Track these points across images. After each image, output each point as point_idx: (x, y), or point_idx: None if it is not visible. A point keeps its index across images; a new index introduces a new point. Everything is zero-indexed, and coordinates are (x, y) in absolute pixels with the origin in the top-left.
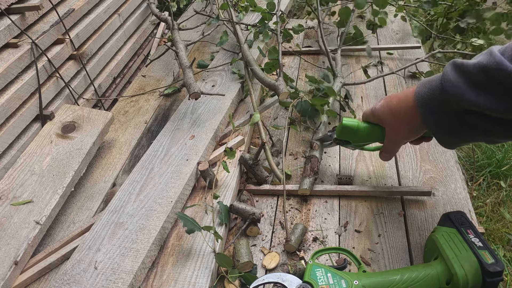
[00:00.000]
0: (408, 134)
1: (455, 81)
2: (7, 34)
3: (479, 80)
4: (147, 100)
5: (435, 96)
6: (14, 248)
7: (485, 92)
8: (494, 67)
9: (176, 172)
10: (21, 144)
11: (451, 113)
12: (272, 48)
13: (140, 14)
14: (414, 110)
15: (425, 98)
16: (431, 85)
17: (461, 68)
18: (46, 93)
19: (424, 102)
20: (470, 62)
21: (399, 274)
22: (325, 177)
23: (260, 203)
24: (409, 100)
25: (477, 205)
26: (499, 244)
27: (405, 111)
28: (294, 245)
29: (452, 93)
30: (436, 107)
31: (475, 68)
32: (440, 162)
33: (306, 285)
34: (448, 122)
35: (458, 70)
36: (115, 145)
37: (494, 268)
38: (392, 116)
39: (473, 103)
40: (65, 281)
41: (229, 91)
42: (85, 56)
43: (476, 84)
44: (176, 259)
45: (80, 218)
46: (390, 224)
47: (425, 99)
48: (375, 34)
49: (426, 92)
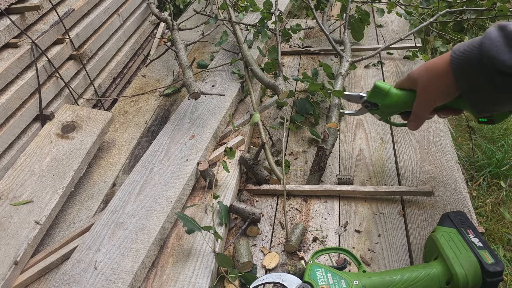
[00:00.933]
0: (439, 94)
1: (495, 39)
2: (7, 34)
3: None
4: (147, 100)
5: (471, 53)
6: (14, 248)
7: None
8: None
9: (176, 172)
10: (21, 144)
11: (483, 72)
12: (271, 48)
13: (140, 14)
14: (448, 68)
15: (461, 56)
16: (470, 43)
17: (504, 28)
18: (46, 93)
19: (459, 58)
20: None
21: (399, 274)
22: (325, 177)
23: (260, 203)
24: (446, 58)
25: (477, 205)
26: (499, 244)
27: (440, 67)
28: (295, 245)
29: (489, 49)
30: (469, 64)
31: None
32: (440, 162)
33: (306, 285)
34: (478, 81)
35: (502, 30)
36: (115, 145)
37: (494, 268)
38: (426, 74)
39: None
40: (65, 281)
41: (229, 91)
42: (85, 56)
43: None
44: (176, 259)
45: (80, 218)
46: (390, 224)
47: (460, 56)
48: (375, 34)
49: (464, 49)
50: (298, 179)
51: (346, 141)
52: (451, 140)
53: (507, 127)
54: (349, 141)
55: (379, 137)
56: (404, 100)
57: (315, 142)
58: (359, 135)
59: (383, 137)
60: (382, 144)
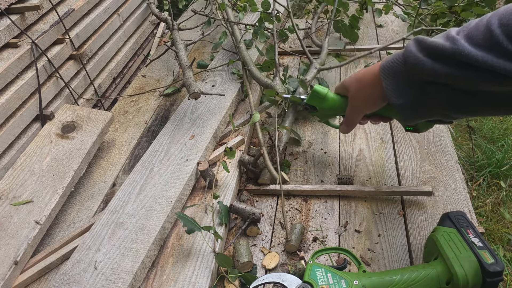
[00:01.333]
0: (367, 103)
1: (415, 52)
2: (7, 34)
3: (436, 54)
4: (147, 100)
5: (397, 66)
6: (14, 248)
7: (442, 62)
8: (449, 47)
9: (176, 172)
10: (21, 144)
11: (411, 83)
12: (269, 47)
13: (140, 14)
14: (378, 79)
15: (388, 68)
16: (394, 57)
17: (421, 42)
18: (46, 93)
19: (387, 71)
20: (429, 39)
21: (399, 274)
22: (325, 177)
23: (260, 203)
24: (375, 69)
25: (477, 205)
26: (499, 244)
27: (369, 78)
28: (295, 245)
29: (412, 62)
30: (397, 77)
31: (433, 43)
32: (440, 162)
33: (306, 285)
34: (408, 92)
35: (419, 44)
36: (115, 145)
37: (494, 268)
38: (357, 83)
39: (431, 71)
40: (65, 281)
41: (229, 91)
42: (85, 56)
43: (434, 56)
44: (176, 259)
45: (80, 218)
46: (390, 224)
47: (388, 69)
48: (375, 34)
49: (390, 62)
50: (298, 179)
51: (346, 141)
52: (451, 140)
53: (507, 127)
54: (349, 141)
55: (379, 137)
56: (340, 104)
57: (315, 142)
58: (359, 135)
59: (383, 137)
60: (382, 144)
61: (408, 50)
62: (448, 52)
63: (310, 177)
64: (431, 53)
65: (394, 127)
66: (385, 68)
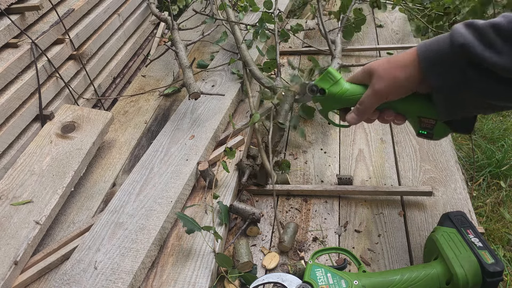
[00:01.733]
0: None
1: (465, 33)
2: (7, 34)
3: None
4: (147, 100)
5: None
6: (14, 248)
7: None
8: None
9: (176, 172)
10: (21, 144)
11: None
12: (270, 47)
13: (140, 14)
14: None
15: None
16: (437, 38)
17: (472, 24)
18: (46, 93)
19: (428, 49)
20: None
21: (399, 274)
22: (325, 177)
23: (260, 203)
24: (411, 51)
25: (477, 205)
26: (499, 244)
27: (403, 58)
28: (288, 245)
29: (461, 43)
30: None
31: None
32: (440, 162)
33: (306, 285)
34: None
35: (469, 26)
36: (115, 145)
37: (494, 268)
38: (387, 63)
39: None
40: (65, 281)
41: (229, 91)
42: (85, 56)
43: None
44: (176, 259)
45: (80, 218)
46: (390, 224)
47: (429, 46)
48: (375, 34)
49: (431, 44)
50: (298, 179)
51: (346, 141)
52: (451, 140)
53: (507, 127)
54: (349, 141)
55: (379, 137)
56: (352, 92)
57: (315, 142)
58: (359, 135)
59: (383, 137)
60: (382, 144)
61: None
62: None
63: (310, 177)
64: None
65: (394, 127)
66: (426, 45)
